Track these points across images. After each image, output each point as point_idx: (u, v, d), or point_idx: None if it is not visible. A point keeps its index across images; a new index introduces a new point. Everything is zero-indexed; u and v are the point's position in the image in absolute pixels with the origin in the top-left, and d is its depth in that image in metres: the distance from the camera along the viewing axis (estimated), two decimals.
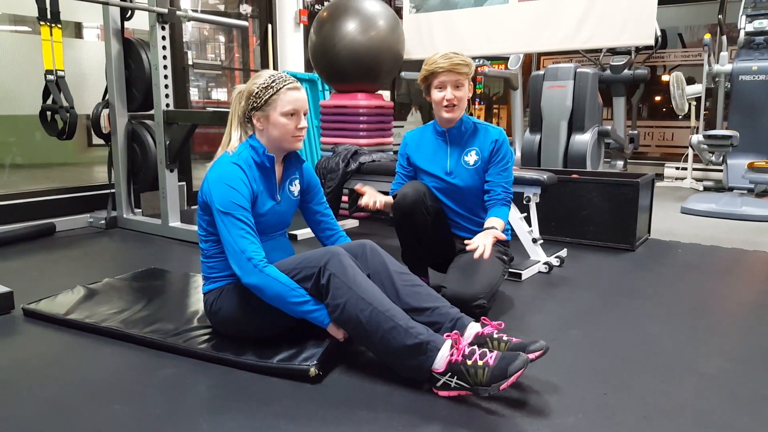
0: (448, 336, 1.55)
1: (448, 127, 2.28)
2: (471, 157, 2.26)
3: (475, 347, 1.53)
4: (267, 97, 1.74)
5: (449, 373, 1.50)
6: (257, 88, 1.75)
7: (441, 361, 1.51)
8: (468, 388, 1.48)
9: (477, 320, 1.74)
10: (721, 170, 5.56)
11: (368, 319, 1.57)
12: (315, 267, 1.66)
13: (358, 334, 1.61)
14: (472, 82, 2.23)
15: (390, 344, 1.55)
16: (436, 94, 2.19)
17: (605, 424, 1.41)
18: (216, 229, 1.74)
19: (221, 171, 1.73)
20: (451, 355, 1.51)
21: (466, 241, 2.03)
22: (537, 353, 1.58)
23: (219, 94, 6.76)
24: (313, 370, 1.61)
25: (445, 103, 2.18)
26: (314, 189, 2.03)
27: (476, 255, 1.93)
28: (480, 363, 1.46)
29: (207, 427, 1.39)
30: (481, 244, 1.97)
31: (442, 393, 1.52)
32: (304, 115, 1.80)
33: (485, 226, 2.16)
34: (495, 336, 1.66)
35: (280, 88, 1.74)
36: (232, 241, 1.67)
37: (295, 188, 1.94)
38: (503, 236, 2.09)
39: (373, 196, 2.14)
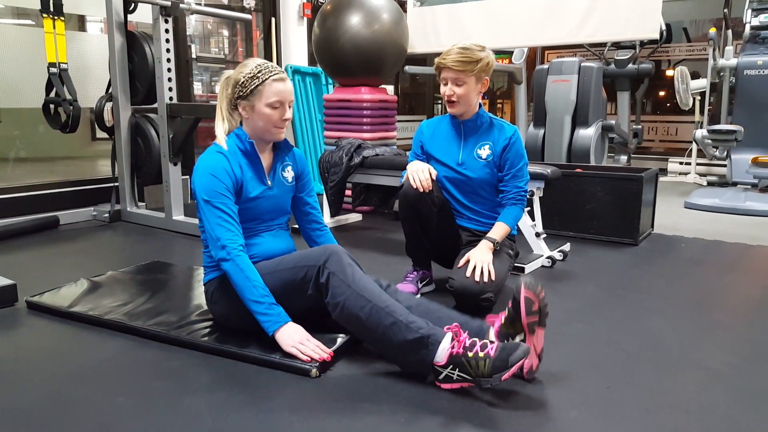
0: (448, 329, 1.56)
1: (462, 119, 2.29)
2: (484, 151, 2.27)
3: (476, 339, 1.53)
4: (252, 87, 1.75)
5: (451, 366, 1.50)
6: (243, 77, 1.75)
7: (442, 353, 1.51)
8: (470, 380, 1.48)
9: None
10: (725, 165, 5.54)
11: (368, 316, 1.58)
12: (314, 266, 1.67)
13: (360, 332, 1.63)
14: (486, 77, 2.22)
15: (391, 340, 1.56)
16: (442, 88, 2.23)
17: (608, 418, 1.41)
18: None
19: (205, 161, 1.77)
20: (452, 347, 1.51)
21: (461, 262, 2.10)
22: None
23: None
24: (315, 371, 1.61)
25: (445, 98, 2.22)
26: (305, 178, 2.03)
27: (476, 278, 2.02)
28: (481, 354, 1.47)
29: (211, 420, 1.39)
30: (479, 262, 2.05)
31: (444, 386, 1.52)
32: (289, 106, 1.81)
33: (487, 234, 2.18)
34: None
35: (266, 79, 1.75)
36: (210, 229, 1.71)
37: (289, 174, 1.95)
38: (491, 249, 2.16)
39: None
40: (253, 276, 1.68)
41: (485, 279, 2.03)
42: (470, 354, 1.48)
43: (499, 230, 2.21)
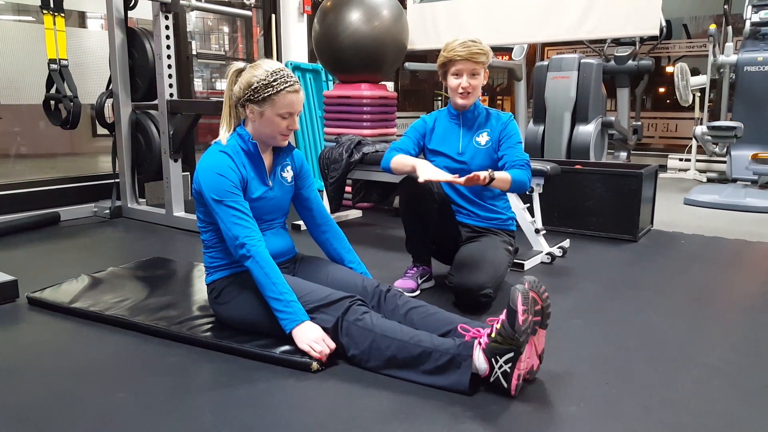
0: (469, 336, 1.54)
1: (461, 111, 2.31)
2: (482, 138, 2.29)
3: (492, 321, 1.53)
4: (266, 94, 1.72)
5: (493, 360, 1.47)
6: (257, 82, 1.72)
7: (480, 359, 1.49)
8: (513, 354, 1.45)
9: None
10: (724, 161, 5.54)
11: (395, 352, 1.57)
12: (333, 316, 1.66)
13: (393, 371, 1.59)
14: (488, 69, 2.25)
15: (425, 368, 1.54)
16: (452, 81, 2.23)
17: (606, 414, 1.42)
18: (213, 218, 1.76)
19: (210, 160, 1.75)
20: (479, 345, 1.50)
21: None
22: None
23: (223, 84, 6.74)
24: (315, 365, 1.61)
25: (460, 90, 2.22)
26: (305, 174, 2.01)
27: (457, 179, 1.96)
28: (498, 327, 1.47)
29: (211, 415, 1.40)
30: (468, 179, 1.97)
31: (513, 384, 1.46)
32: (297, 115, 1.80)
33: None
34: None
35: (281, 90, 1.72)
36: (226, 229, 1.71)
37: (288, 174, 1.94)
38: (485, 178, 2.02)
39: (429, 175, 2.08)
40: (272, 273, 1.68)
41: (450, 179, 1.98)
42: (493, 335, 1.48)
43: (501, 173, 2.11)
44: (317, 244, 2.07)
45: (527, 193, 2.86)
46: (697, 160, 6.18)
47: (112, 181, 3.88)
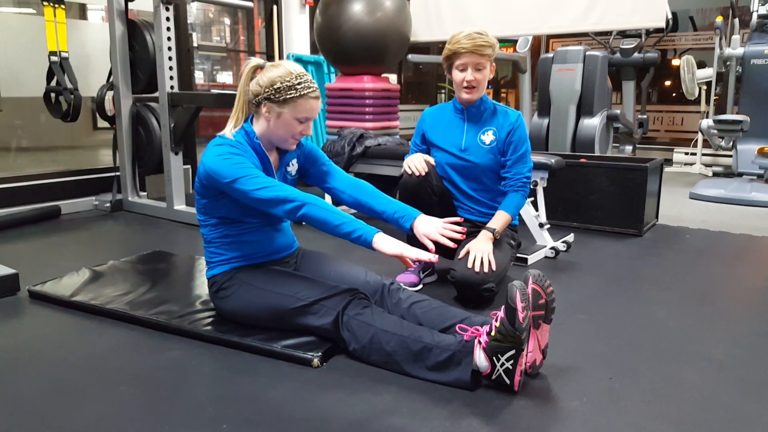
0: (468, 336, 1.52)
1: (466, 106, 2.27)
2: (488, 137, 2.25)
3: (491, 318, 1.51)
4: (288, 96, 1.68)
5: (494, 358, 1.46)
6: (281, 82, 1.68)
7: (480, 358, 1.47)
8: (515, 351, 1.43)
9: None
10: (730, 155, 5.51)
11: (396, 348, 1.56)
12: (334, 310, 1.64)
13: (393, 366, 1.58)
14: (494, 63, 2.21)
15: (425, 364, 1.53)
16: (457, 75, 2.18)
17: (610, 408, 1.41)
18: (212, 212, 1.74)
19: (218, 149, 1.69)
20: (479, 344, 1.48)
21: (461, 253, 2.10)
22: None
23: (224, 76, 6.72)
24: (316, 362, 1.60)
25: (465, 84, 2.17)
26: (315, 154, 1.95)
27: (476, 269, 2.01)
28: (497, 325, 1.45)
29: (212, 410, 1.39)
30: (479, 253, 2.04)
31: (516, 381, 1.45)
32: (311, 122, 1.77)
33: (487, 224, 2.17)
34: None
35: (304, 94, 1.69)
36: (260, 198, 1.64)
37: (293, 168, 1.92)
38: (491, 239, 2.15)
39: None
40: (329, 206, 1.65)
41: (485, 270, 2.01)
42: (493, 333, 1.46)
43: (499, 219, 2.19)
44: (357, 211, 2.01)
45: (532, 187, 2.84)
46: (703, 154, 6.14)
47: (113, 174, 3.87)
